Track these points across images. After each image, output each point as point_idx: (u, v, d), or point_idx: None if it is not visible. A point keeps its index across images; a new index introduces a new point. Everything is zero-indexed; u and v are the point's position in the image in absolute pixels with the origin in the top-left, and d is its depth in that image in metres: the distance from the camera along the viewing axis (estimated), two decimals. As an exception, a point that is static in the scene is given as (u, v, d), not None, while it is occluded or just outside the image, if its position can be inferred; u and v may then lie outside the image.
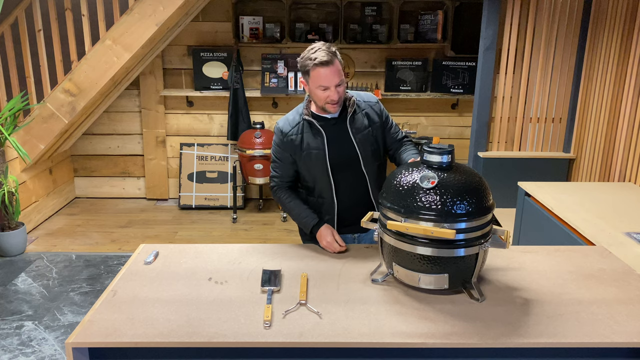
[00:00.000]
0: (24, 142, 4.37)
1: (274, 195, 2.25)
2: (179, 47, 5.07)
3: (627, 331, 1.51)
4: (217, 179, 5.29)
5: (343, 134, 2.14)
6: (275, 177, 2.23)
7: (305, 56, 2.05)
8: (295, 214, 2.18)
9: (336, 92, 2.03)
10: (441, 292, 1.70)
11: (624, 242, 2.32)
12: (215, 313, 1.59)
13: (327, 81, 2.00)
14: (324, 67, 1.99)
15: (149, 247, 2.06)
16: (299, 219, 2.18)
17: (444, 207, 1.57)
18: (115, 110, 5.25)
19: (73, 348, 1.45)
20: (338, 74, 2.02)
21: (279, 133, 2.17)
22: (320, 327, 1.52)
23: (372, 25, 4.96)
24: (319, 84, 2.02)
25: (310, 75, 2.03)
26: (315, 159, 2.12)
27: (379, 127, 2.21)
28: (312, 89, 2.06)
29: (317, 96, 2.06)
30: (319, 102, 2.08)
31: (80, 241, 4.47)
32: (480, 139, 4.07)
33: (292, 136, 2.14)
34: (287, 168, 2.19)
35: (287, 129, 2.15)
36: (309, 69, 2.02)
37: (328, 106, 2.07)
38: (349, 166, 2.15)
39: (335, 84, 2.02)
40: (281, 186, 2.22)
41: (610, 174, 3.52)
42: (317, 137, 2.12)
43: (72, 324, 3.16)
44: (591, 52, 3.82)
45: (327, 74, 2.00)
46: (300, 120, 2.15)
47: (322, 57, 1.99)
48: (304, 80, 2.10)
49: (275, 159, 2.21)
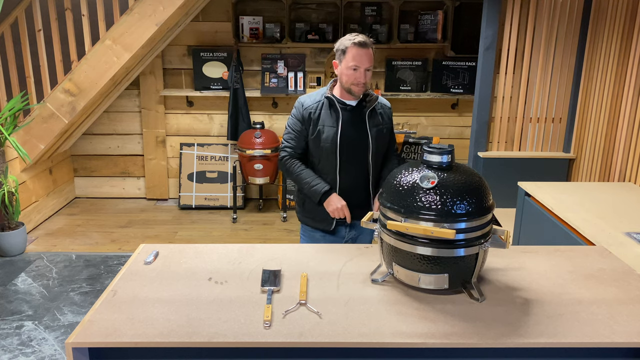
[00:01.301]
0: (24, 142, 4.37)
1: (282, 165, 2.37)
2: (179, 47, 5.07)
3: (627, 331, 1.51)
4: (217, 179, 5.29)
5: (358, 122, 2.30)
6: (287, 147, 2.35)
7: (345, 38, 2.23)
8: (306, 182, 2.30)
9: (364, 75, 2.20)
10: (441, 292, 1.70)
11: (624, 242, 2.32)
12: (215, 313, 1.59)
13: (359, 61, 2.17)
14: (360, 48, 2.17)
15: (149, 247, 2.06)
16: (309, 186, 2.29)
17: (444, 207, 1.57)
18: (115, 110, 5.25)
19: (73, 348, 1.45)
20: (370, 59, 2.20)
21: (300, 106, 2.33)
22: (320, 327, 1.52)
23: (372, 25, 4.96)
24: (352, 62, 2.18)
25: (345, 54, 2.20)
26: (326, 135, 2.27)
27: (388, 131, 2.41)
28: (342, 69, 2.22)
29: (346, 76, 2.21)
30: (346, 82, 2.23)
31: (80, 241, 4.47)
32: (480, 139, 4.07)
33: (310, 110, 2.30)
34: (299, 140, 2.33)
35: (308, 103, 2.32)
36: (347, 47, 2.18)
37: (354, 87, 2.22)
38: (357, 152, 2.30)
39: (366, 67, 2.19)
40: (292, 156, 2.35)
41: (610, 174, 3.52)
42: (333, 115, 2.28)
43: (72, 324, 3.16)
44: (591, 52, 3.82)
45: (362, 55, 2.17)
46: (321, 99, 2.31)
47: (360, 39, 2.19)
48: (336, 61, 2.26)
49: (290, 130, 2.35)
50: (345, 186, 2.33)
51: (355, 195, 2.35)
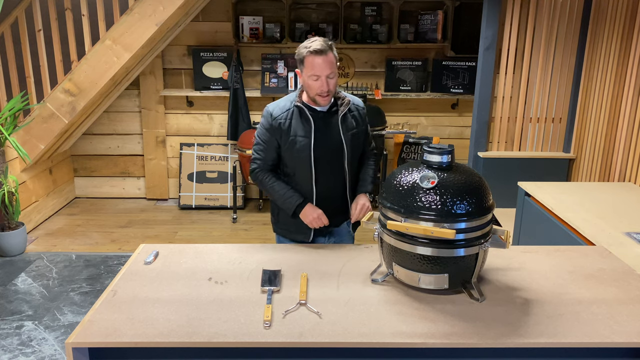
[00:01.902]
0: (24, 142, 4.37)
1: (254, 178, 2.26)
2: (179, 47, 5.07)
3: (627, 331, 1.51)
4: (217, 179, 5.29)
5: (331, 128, 2.18)
6: (257, 160, 2.24)
7: (302, 45, 2.10)
8: (279, 195, 2.19)
9: (327, 83, 2.06)
10: (441, 292, 1.70)
11: (624, 242, 2.32)
12: (215, 313, 1.59)
13: (319, 70, 2.04)
14: (318, 56, 2.03)
15: (149, 247, 2.06)
16: (283, 199, 2.18)
17: (444, 207, 1.57)
18: (115, 110, 5.25)
19: (73, 348, 1.45)
20: (330, 66, 2.05)
21: (268, 116, 2.19)
22: (320, 327, 1.52)
23: (372, 25, 4.96)
24: (311, 72, 2.05)
25: (304, 64, 2.07)
26: (300, 146, 2.15)
27: (362, 132, 2.28)
28: (305, 79, 2.10)
29: (309, 86, 2.09)
30: (310, 92, 2.11)
31: (80, 241, 4.47)
32: (480, 139, 4.07)
33: (280, 120, 2.16)
34: (270, 152, 2.21)
35: (276, 113, 2.17)
36: (304, 57, 2.06)
37: (318, 98, 2.10)
38: (332, 160, 2.20)
39: (327, 74, 2.05)
40: (263, 169, 2.23)
41: (610, 174, 3.52)
42: (305, 125, 2.15)
43: (72, 324, 3.16)
44: (591, 52, 3.82)
45: (320, 63, 2.03)
46: (291, 107, 2.17)
47: (317, 46, 2.04)
48: (298, 70, 2.14)
49: (259, 142, 2.23)
50: (322, 195, 2.21)
51: (332, 203, 2.24)
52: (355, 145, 2.24)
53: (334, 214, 2.25)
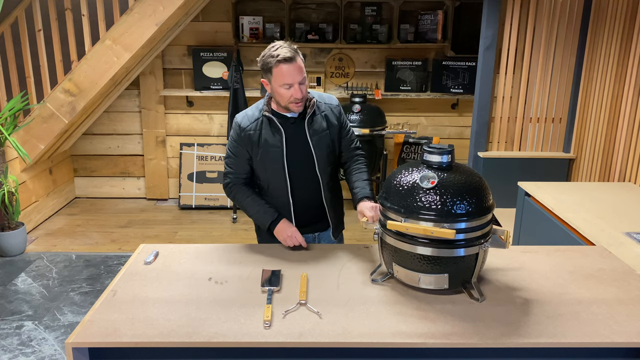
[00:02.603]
0: (24, 142, 4.37)
1: (227, 193, 2.18)
2: (179, 47, 5.07)
3: (627, 331, 1.51)
4: (217, 179, 5.29)
5: (301, 134, 2.10)
6: (230, 174, 2.16)
7: (266, 54, 2.01)
8: (253, 211, 2.12)
9: (299, 89, 1.99)
10: (441, 292, 1.70)
11: (624, 242, 2.32)
12: (215, 313, 1.59)
13: (290, 78, 1.96)
14: (287, 64, 1.96)
15: (149, 247, 2.06)
16: (257, 215, 2.12)
17: (444, 207, 1.57)
18: (115, 110, 5.25)
19: (73, 348, 1.45)
20: (300, 71, 1.98)
21: (237, 127, 2.11)
22: (320, 327, 1.52)
23: (372, 25, 4.96)
24: (282, 82, 1.97)
25: (272, 74, 1.99)
26: (272, 156, 2.08)
27: (336, 131, 2.18)
28: (275, 88, 2.01)
29: (280, 95, 2.01)
30: (282, 101, 2.03)
31: (80, 241, 4.47)
32: (480, 139, 4.07)
33: (250, 131, 2.08)
34: (242, 164, 2.13)
35: (245, 124, 2.09)
36: (272, 67, 1.98)
37: (292, 105, 2.03)
38: (305, 167, 2.12)
39: (299, 81, 1.98)
40: (236, 183, 2.16)
41: (610, 174, 3.52)
42: (275, 134, 2.08)
43: (72, 324, 3.16)
44: (591, 52, 3.82)
45: (291, 71, 1.96)
46: (260, 117, 2.10)
47: (285, 54, 1.96)
48: (265, 79, 2.06)
49: (230, 155, 2.15)
50: (300, 203, 2.15)
51: (310, 210, 2.18)
52: (326, 149, 2.13)
53: (313, 220, 2.21)
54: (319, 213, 2.22)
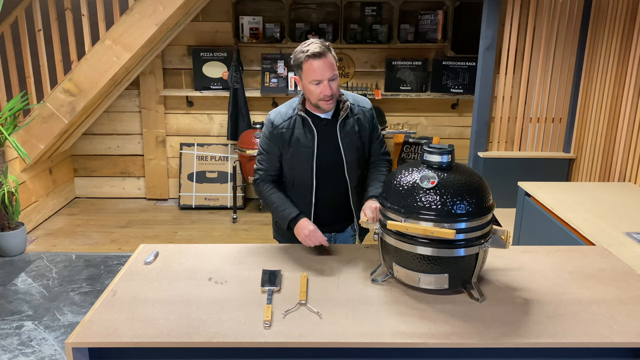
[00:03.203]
0: (24, 142, 4.37)
1: (256, 188, 2.19)
2: (179, 47, 5.07)
3: (627, 331, 1.51)
4: (217, 179, 5.29)
5: (332, 136, 2.08)
6: (260, 170, 2.16)
7: (298, 50, 2.00)
8: (276, 206, 2.10)
9: (329, 86, 1.96)
10: (441, 292, 1.70)
11: (624, 242, 2.32)
12: (215, 313, 1.59)
13: (319, 74, 1.95)
14: (317, 59, 1.94)
15: (149, 247, 2.06)
16: (278, 211, 2.09)
17: (444, 207, 1.57)
18: (115, 110, 5.25)
19: (73, 348, 1.45)
20: (331, 68, 1.96)
21: (270, 125, 2.10)
22: (320, 327, 1.52)
23: (372, 25, 4.96)
24: (312, 77, 1.96)
25: (302, 69, 1.97)
26: (302, 156, 2.07)
27: (368, 135, 2.16)
28: (305, 85, 2.00)
29: (310, 92, 2.00)
30: (312, 98, 2.01)
31: (80, 241, 4.47)
32: (480, 139, 4.07)
33: (282, 129, 2.07)
34: (273, 161, 2.13)
35: (278, 122, 2.08)
36: (302, 62, 1.96)
37: (322, 103, 2.00)
38: (333, 169, 2.11)
39: (328, 77, 1.96)
40: (265, 179, 2.15)
41: (610, 174, 3.52)
42: (308, 134, 2.07)
43: (72, 324, 3.16)
44: (591, 52, 3.82)
45: (320, 66, 1.94)
46: (294, 115, 2.08)
47: (314, 49, 1.94)
48: (297, 76, 2.05)
49: (262, 151, 2.14)
50: (322, 204, 2.14)
51: (333, 211, 2.18)
52: (356, 152, 2.12)
53: (336, 220, 2.20)
54: (341, 215, 2.21)
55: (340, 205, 2.18)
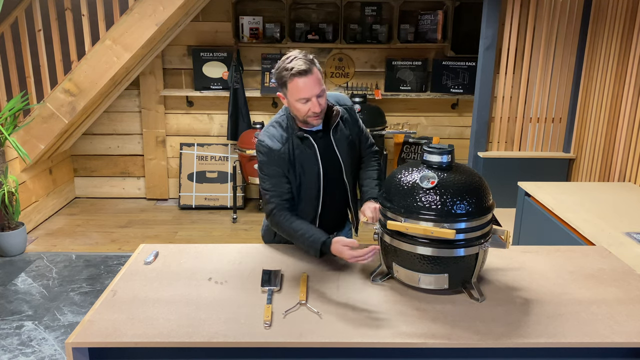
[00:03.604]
0: (24, 142, 4.37)
1: (272, 220, 2.00)
2: (179, 47, 5.07)
3: (627, 331, 1.51)
4: (217, 179, 5.29)
5: (329, 145, 2.02)
6: (271, 199, 1.98)
7: (280, 67, 1.87)
8: (301, 234, 1.93)
9: (318, 103, 1.86)
10: (441, 292, 1.70)
11: (624, 242, 2.32)
12: (215, 313, 1.59)
13: (307, 92, 1.84)
14: (303, 77, 1.82)
15: (149, 247, 2.06)
16: (305, 238, 1.92)
17: (444, 207, 1.57)
18: (115, 110, 5.25)
19: (73, 348, 1.45)
20: (318, 83, 1.85)
21: (267, 151, 1.95)
22: (320, 327, 1.52)
23: (372, 25, 4.96)
24: (298, 96, 1.85)
25: (288, 88, 1.86)
26: (308, 175, 1.99)
27: (356, 134, 2.11)
28: (291, 103, 1.90)
29: (297, 110, 1.90)
30: (299, 115, 1.91)
31: (80, 241, 4.47)
32: (480, 139, 4.07)
33: (283, 154, 1.96)
34: (281, 183, 1.98)
35: (277, 146, 1.95)
36: (286, 81, 1.85)
37: (310, 119, 1.91)
38: (334, 177, 2.06)
39: (316, 94, 1.85)
40: (281, 206, 1.97)
41: (610, 174, 3.52)
42: (309, 152, 1.98)
43: (72, 324, 3.16)
44: (591, 52, 3.82)
45: (307, 84, 1.83)
46: (289, 136, 1.97)
47: (299, 67, 1.82)
48: (281, 93, 1.93)
49: (266, 178, 1.99)
50: (325, 210, 2.08)
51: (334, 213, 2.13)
52: (352, 154, 2.09)
53: (334, 222, 2.18)
54: (341, 215, 2.19)
55: (340, 206, 2.17)
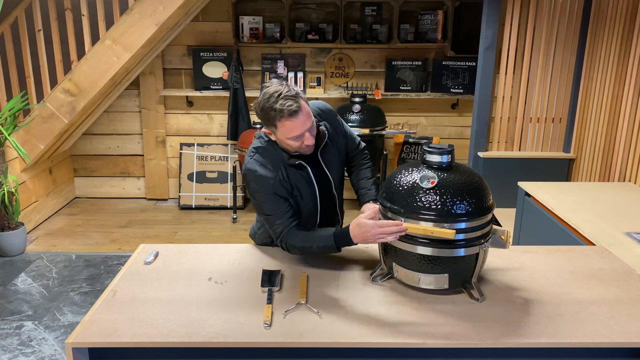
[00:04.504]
0: (24, 142, 4.37)
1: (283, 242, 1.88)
2: (179, 47, 5.07)
3: (627, 331, 1.51)
4: (217, 179, 5.29)
5: (317, 164, 1.96)
6: (278, 220, 1.87)
7: (265, 106, 1.76)
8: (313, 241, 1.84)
9: (311, 137, 1.81)
10: (441, 292, 1.70)
11: (624, 242, 2.32)
12: (215, 313, 1.59)
13: (299, 130, 1.76)
14: (294, 118, 1.73)
15: (149, 247, 2.06)
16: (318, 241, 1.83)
17: (444, 207, 1.57)
18: (115, 110, 5.25)
19: (73, 348, 1.45)
20: (309, 118, 1.78)
21: (265, 183, 1.85)
22: (320, 327, 1.52)
23: (372, 25, 4.96)
24: (291, 135, 1.77)
25: (277, 127, 1.77)
26: (305, 195, 1.94)
27: (342, 143, 2.05)
28: (281, 140, 1.82)
29: (289, 145, 1.83)
30: (290, 149, 1.85)
31: (80, 241, 4.47)
32: (480, 139, 4.07)
33: (278, 185, 1.87)
34: (283, 208, 1.88)
35: (270, 175, 1.86)
36: (276, 122, 1.76)
37: (303, 149, 1.85)
38: (324, 191, 2.01)
39: (308, 128, 1.78)
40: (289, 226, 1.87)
41: (610, 174, 3.52)
42: (303, 176, 1.91)
43: (72, 324, 3.16)
44: (591, 52, 3.82)
45: (298, 123, 1.75)
46: (281, 164, 1.89)
47: (289, 107, 1.72)
48: (268, 130, 1.84)
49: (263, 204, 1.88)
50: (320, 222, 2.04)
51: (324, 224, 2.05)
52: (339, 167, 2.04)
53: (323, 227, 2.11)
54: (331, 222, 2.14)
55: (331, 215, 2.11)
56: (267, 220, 1.91)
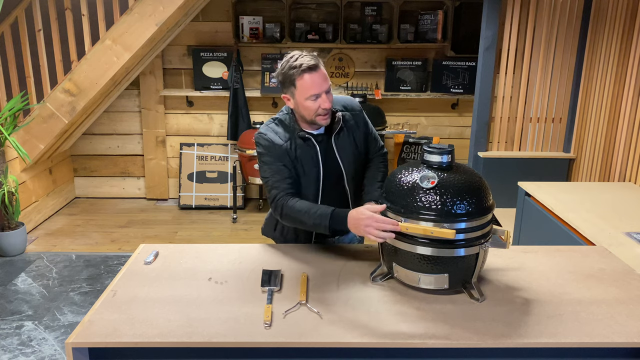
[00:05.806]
0: (24, 142, 4.37)
1: (275, 207, 1.92)
2: (179, 47, 5.07)
3: (627, 331, 1.51)
4: (217, 179, 5.29)
5: (330, 151, 1.98)
6: (275, 183, 1.91)
7: (286, 66, 1.85)
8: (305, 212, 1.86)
9: (327, 99, 1.85)
10: (441, 292, 1.70)
11: (624, 242, 2.32)
12: (215, 313, 1.59)
13: (317, 88, 1.82)
14: (312, 73, 1.82)
15: (149, 247, 2.06)
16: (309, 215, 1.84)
17: (444, 207, 1.57)
18: (115, 110, 5.25)
19: (73, 348, 1.45)
20: (326, 79, 1.85)
21: (270, 145, 1.92)
22: (320, 327, 1.52)
23: (372, 25, 4.96)
24: (309, 93, 1.83)
25: (296, 86, 1.84)
26: (309, 175, 1.96)
27: (363, 139, 2.07)
28: (299, 102, 1.87)
29: (306, 108, 1.87)
30: (308, 115, 1.88)
31: (80, 241, 4.47)
32: (480, 139, 4.07)
33: (286, 148, 1.93)
34: (284, 172, 1.92)
35: (279, 141, 1.93)
36: (295, 78, 1.83)
37: (319, 118, 1.89)
38: (334, 183, 2.02)
39: (325, 90, 1.84)
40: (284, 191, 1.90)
41: (610, 174, 3.52)
42: (311, 152, 1.95)
43: (72, 324, 3.16)
44: (591, 52, 3.82)
45: (317, 80, 1.82)
46: (291, 136, 1.94)
47: (308, 62, 1.81)
48: (287, 94, 1.90)
49: (266, 167, 1.93)
50: None
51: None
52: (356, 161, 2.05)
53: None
54: None
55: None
56: (267, 183, 1.95)
